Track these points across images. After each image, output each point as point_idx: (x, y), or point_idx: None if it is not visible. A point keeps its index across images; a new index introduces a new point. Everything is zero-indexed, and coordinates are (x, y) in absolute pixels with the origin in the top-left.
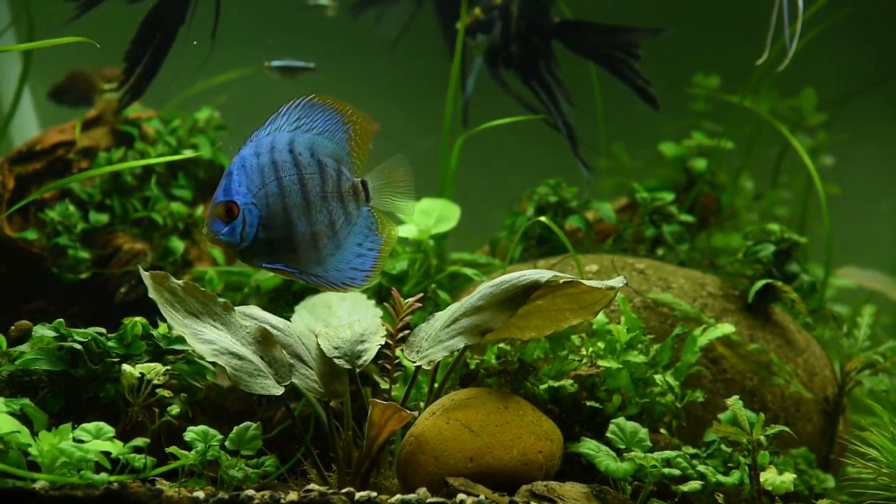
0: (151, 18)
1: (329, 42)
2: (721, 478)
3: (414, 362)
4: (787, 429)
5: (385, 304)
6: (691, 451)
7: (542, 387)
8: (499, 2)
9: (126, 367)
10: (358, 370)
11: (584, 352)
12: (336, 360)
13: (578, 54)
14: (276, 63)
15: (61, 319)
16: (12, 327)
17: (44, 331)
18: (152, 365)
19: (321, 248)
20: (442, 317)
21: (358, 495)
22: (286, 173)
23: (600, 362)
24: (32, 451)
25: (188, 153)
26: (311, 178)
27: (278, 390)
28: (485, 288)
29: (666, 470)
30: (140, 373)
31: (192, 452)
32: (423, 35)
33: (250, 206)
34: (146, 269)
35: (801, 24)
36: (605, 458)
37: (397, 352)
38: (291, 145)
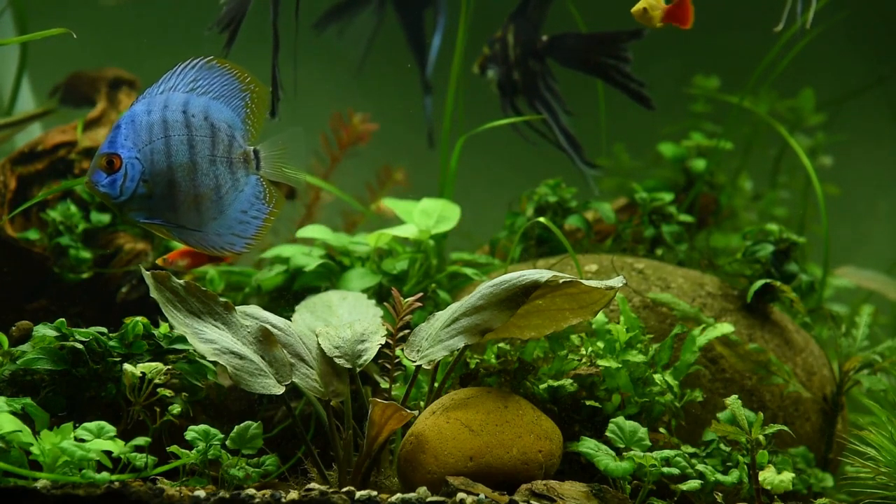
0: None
1: (329, 41)
2: (720, 477)
3: (414, 362)
4: (785, 428)
5: (385, 303)
6: (690, 450)
7: (542, 386)
8: (499, 34)
9: (127, 366)
10: (358, 369)
11: (583, 351)
12: (336, 360)
13: (570, 68)
14: None
15: (63, 319)
16: (14, 327)
17: (45, 330)
18: (153, 364)
19: (203, 211)
20: (442, 316)
21: (358, 494)
22: (175, 132)
23: (600, 362)
24: (34, 450)
25: None
26: (201, 141)
27: (279, 389)
28: (484, 288)
29: (665, 469)
30: (141, 372)
31: (194, 451)
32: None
33: (133, 161)
34: (148, 269)
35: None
36: (604, 457)
37: (397, 351)
38: (185, 106)
